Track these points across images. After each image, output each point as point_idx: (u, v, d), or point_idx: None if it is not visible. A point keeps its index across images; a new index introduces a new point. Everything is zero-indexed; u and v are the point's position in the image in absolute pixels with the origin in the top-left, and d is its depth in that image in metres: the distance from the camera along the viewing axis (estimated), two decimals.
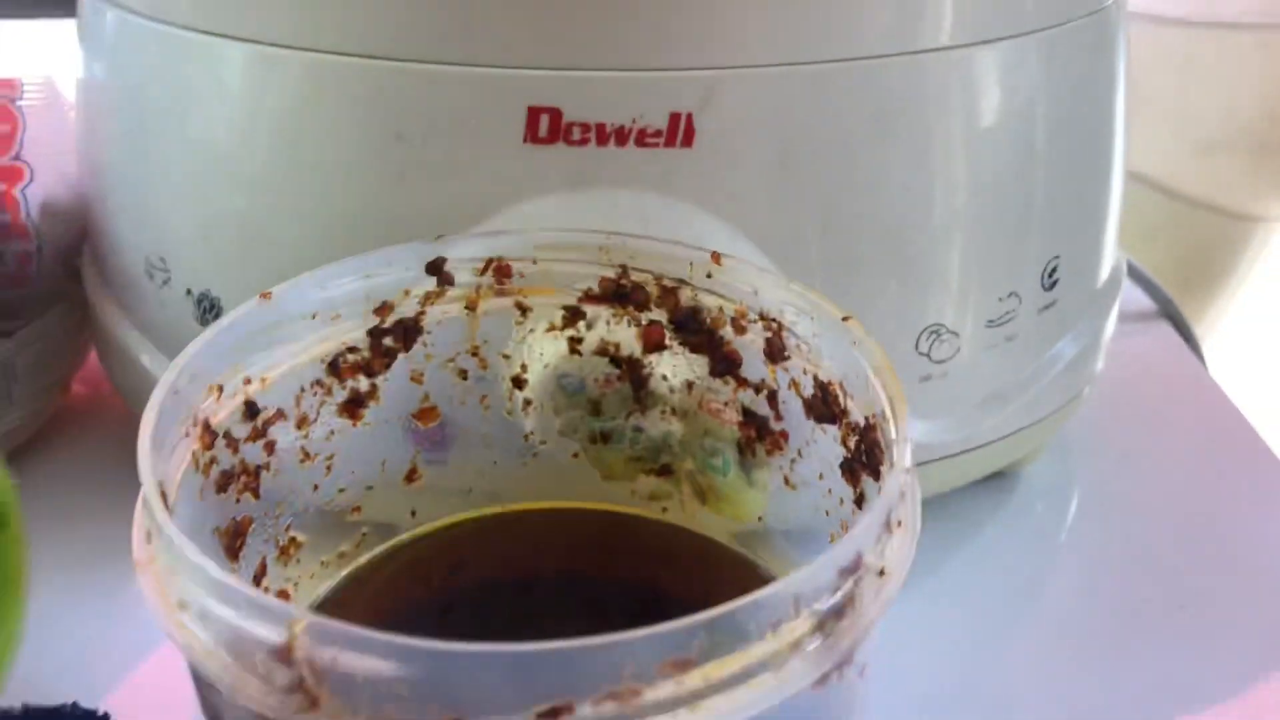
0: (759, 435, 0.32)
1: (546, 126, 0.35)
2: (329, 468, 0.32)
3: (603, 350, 0.33)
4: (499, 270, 0.32)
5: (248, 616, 0.20)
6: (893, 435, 0.25)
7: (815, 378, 0.30)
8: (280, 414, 0.30)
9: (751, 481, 0.33)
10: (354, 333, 0.31)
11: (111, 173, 0.42)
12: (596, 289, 0.33)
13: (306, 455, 0.31)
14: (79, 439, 0.50)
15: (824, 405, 0.29)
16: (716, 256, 0.31)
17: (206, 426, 0.27)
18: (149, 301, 0.41)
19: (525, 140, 0.35)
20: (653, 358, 0.33)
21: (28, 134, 0.45)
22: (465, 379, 0.34)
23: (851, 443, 0.29)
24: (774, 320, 0.30)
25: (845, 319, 0.29)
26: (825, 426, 0.30)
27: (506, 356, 0.33)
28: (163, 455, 0.25)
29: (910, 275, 0.38)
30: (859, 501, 0.29)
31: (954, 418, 0.41)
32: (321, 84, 0.36)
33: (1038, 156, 0.39)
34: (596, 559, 0.35)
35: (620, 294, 0.32)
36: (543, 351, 0.33)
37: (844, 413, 0.29)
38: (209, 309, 0.40)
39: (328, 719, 0.19)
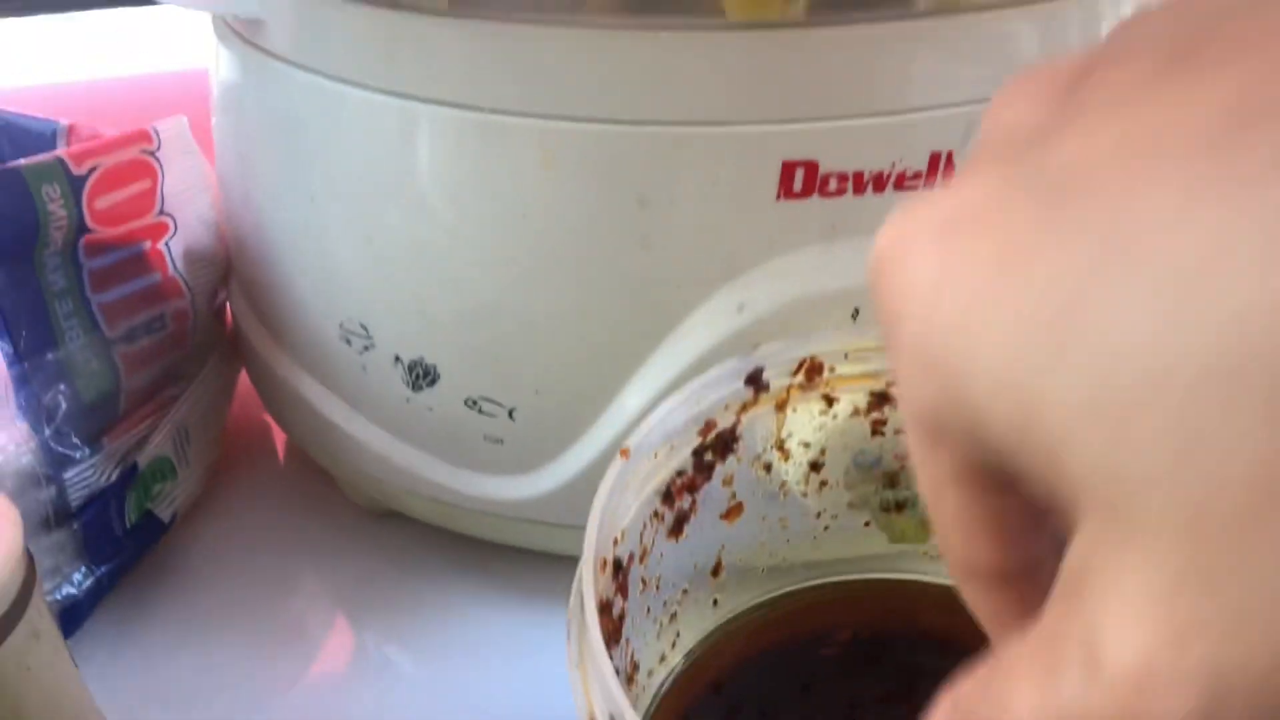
0: None
1: (802, 181, 0.34)
2: (658, 586, 0.31)
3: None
4: (811, 369, 0.31)
5: None
6: None
7: None
8: (631, 557, 0.29)
9: None
10: (683, 457, 0.30)
11: (296, 237, 0.39)
12: None
13: (644, 584, 0.31)
14: (238, 489, 0.48)
15: None
16: None
17: (604, 606, 0.26)
18: (345, 366, 0.40)
19: (779, 197, 0.34)
20: None
21: (166, 185, 0.42)
22: (769, 472, 0.33)
23: None
24: None
25: None
26: None
27: (807, 445, 0.33)
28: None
29: None
30: None
31: None
32: (557, 152, 0.34)
33: None
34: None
35: None
36: (844, 434, 0.33)
37: None
38: (422, 375, 0.39)
39: None
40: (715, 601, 0.34)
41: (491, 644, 0.41)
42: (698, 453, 0.30)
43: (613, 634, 0.29)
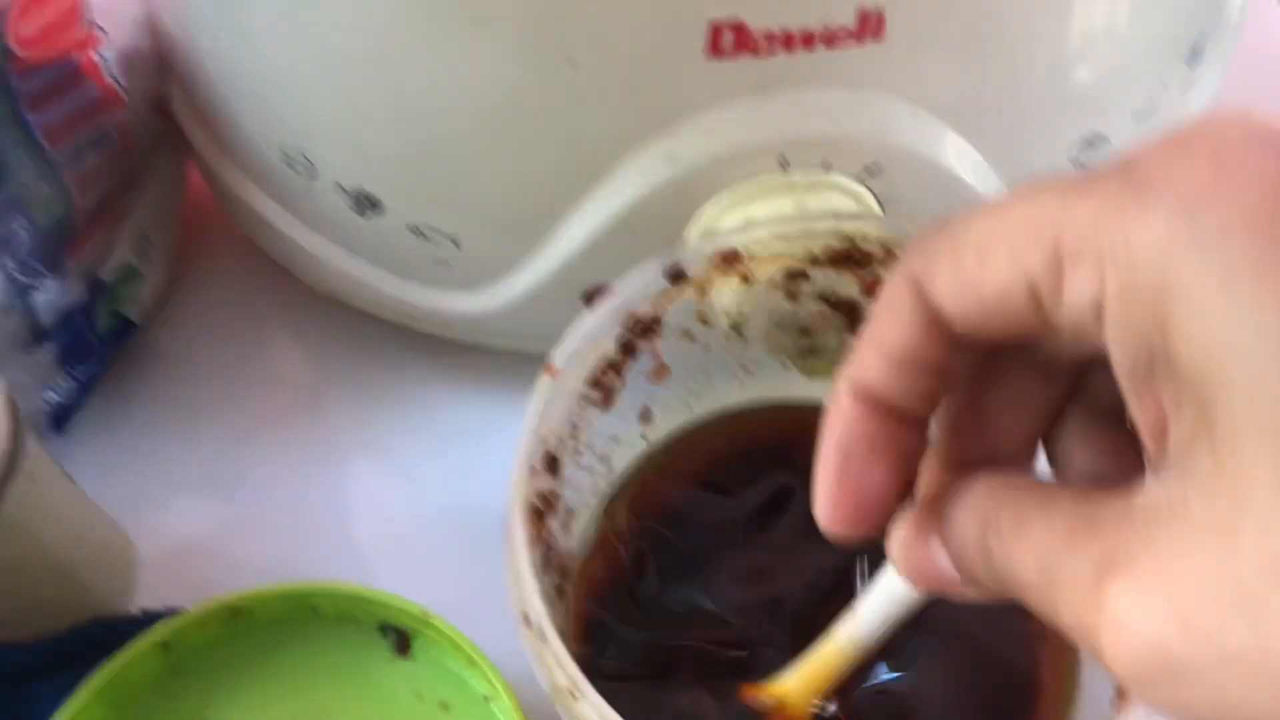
0: None
1: (730, 41, 0.34)
2: (591, 447, 0.35)
3: (821, 296, 0.35)
4: (728, 258, 0.33)
5: None
6: None
7: None
8: (562, 441, 0.32)
9: None
10: (609, 349, 0.33)
11: (231, 64, 0.39)
12: (821, 256, 0.33)
13: (578, 453, 0.34)
14: (204, 276, 0.50)
15: None
16: None
17: (534, 510, 0.30)
18: (292, 186, 0.41)
19: (708, 57, 0.34)
20: (872, 300, 0.35)
21: None
22: (692, 340, 0.35)
23: None
24: None
25: None
26: None
27: (727, 314, 0.35)
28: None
29: (1074, 104, 0.38)
30: None
31: None
32: (485, 11, 0.33)
33: None
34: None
35: (845, 258, 0.33)
36: (762, 303, 0.35)
37: None
38: (367, 203, 0.40)
39: None
40: (644, 436, 0.37)
41: (458, 432, 0.45)
42: (622, 341, 0.33)
43: (549, 508, 0.32)
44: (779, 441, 0.38)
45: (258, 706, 0.39)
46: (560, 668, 0.26)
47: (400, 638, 0.39)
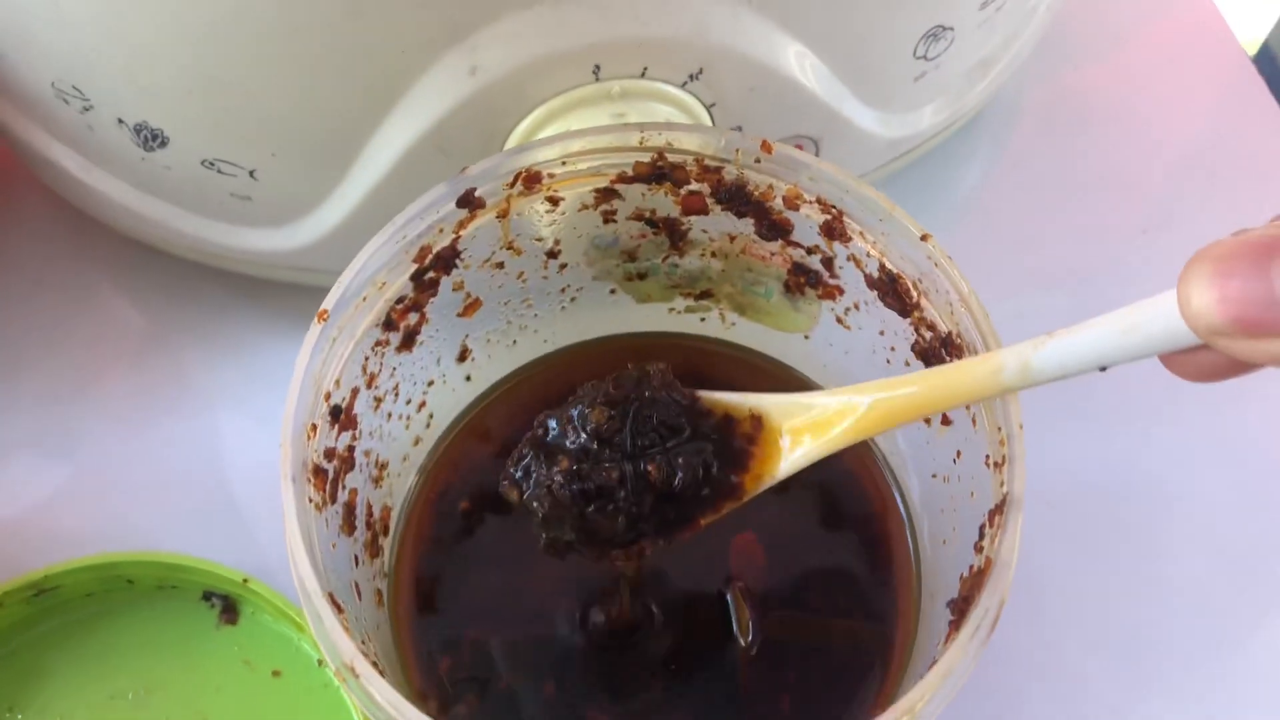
0: (810, 282, 0.32)
1: None
2: (396, 393, 0.32)
3: (638, 216, 0.32)
4: (528, 179, 0.30)
5: None
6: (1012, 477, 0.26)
7: (881, 264, 0.30)
8: (354, 391, 0.30)
9: (797, 308, 0.34)
10: (399, 286, 0.30)
11: None
12: (630, 172, 0.31)
13: (378, 401, 0.31)
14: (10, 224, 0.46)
15: (891, 289, 0.30)
16: (767, 145, 0.29)
17: (319, 471, 0.27)
18: (69, 122, 0.37)
19: None
20: (692, 218, 0.32)
21: None
22: (502, 269, 0.32)
23: (925, 334, 0.30)
24: (834, 207, 0.30)
25: (924, 237, 0.28)
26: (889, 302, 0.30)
27: (540, 239, 0.32)
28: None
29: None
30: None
31: (944, 98, 0.40)
32: None
33: None
34: None
35: (657, 174, 0.31)
36: (576, 226, 0.32)
37: (916, 306, 0.29)
38: (151, 138, 0.36)
39: None
40: (469, 377, 0.35)
41: (281, 374, 0.41)
42: (415, 276, 0.30)
43: (345, 465, 0.29)
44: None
45: (74, 689, 0.36)
46: (338, 647, 0.24)
47: (226, 605, 0.37)
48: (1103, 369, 0.22)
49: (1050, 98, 0.48)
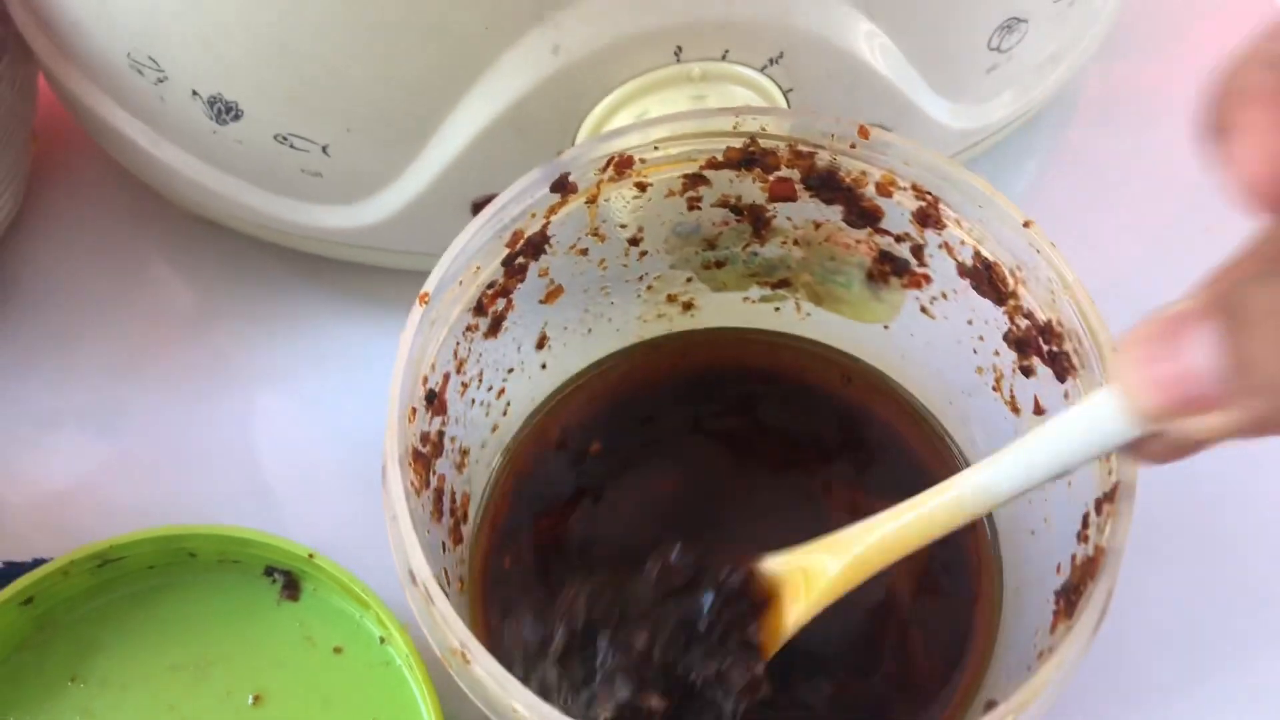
0: (896, 271, 0.32)
1: None
2: (480, 380, 0.32)
3: (723, 203, 0.32)
4: (620, 164, 0.30)
5: None
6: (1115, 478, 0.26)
7: (977, 251, 0.30)
8: (447, 376, 0.29)
9: (879, 298, 0.34)
10: (491, 270, 0.30)
11: None
12: (721, 158, 0.30)
13: (464, 387, 0.31)
14: (64, 196, 0.46)
15: (985, 277, 0.30)
16: (864, 130, 0.29)
17: (417, 455, 0.27)
18: (142, 94, 0.37)
19: None
20: (778, 205, 0.32)
21: None
22: (586, 255, 0.32)
23: (1020, 323, 0.29)
24: (929, 194, 0.29)
25: (1026, 224, 0.28)
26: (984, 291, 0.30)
27: (624, 226, 0.32)
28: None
29: None
30: (1026, 371, 0.30)
31: (1013, 91, 0.40)
32: None
33: None
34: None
35: (748, 159, 0.30)
36: (660, 213, 0.32)
37: (1012, 294, 0.29)
38: (225, 110, 0.36)
39: None
40: (544, 366, 0.35)
41: (351, 359, 0.42)
42: (507, 261, 0.30)
43: (436, 451, 0.29)
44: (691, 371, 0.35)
45: (135, 660, 0.36)
46: (450, 629, 0.24)
47: (288, 580, 0.37)
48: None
49: (1107, 93, 0.48)
